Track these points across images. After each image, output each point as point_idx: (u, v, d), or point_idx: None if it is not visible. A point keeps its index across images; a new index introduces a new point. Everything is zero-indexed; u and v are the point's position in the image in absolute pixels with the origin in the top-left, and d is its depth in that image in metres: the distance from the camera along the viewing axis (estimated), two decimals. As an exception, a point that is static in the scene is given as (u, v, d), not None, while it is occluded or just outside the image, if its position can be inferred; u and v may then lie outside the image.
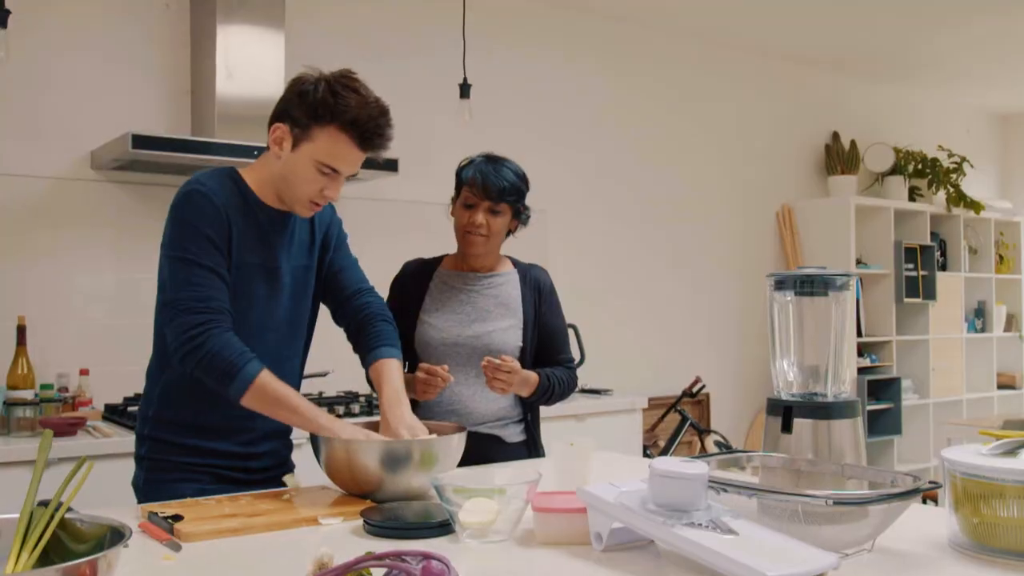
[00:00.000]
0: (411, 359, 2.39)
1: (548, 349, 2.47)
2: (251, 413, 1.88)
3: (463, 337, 2.33)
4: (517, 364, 2.28)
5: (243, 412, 1.88)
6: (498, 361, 2.24)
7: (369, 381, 2.11)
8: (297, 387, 2.05)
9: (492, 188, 2.33)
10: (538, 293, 2.47)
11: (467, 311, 2.39)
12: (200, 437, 1.93)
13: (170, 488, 1.87)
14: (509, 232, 2.46)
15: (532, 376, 2.34)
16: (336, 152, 1.87)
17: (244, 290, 1.92)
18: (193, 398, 1.91)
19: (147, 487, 1.95)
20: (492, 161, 2.39)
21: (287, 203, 1.96)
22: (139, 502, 1.91)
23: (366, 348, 2.07)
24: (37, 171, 3.36)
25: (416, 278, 2.47)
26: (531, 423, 2.46)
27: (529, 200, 2.45)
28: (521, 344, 2.40)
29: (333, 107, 1.84)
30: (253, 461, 2.00)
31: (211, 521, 1.58)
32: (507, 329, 2.37)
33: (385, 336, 2.09)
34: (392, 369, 2.02)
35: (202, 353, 1.79)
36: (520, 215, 2.44)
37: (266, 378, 1.82)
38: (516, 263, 2.53)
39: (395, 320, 2.21)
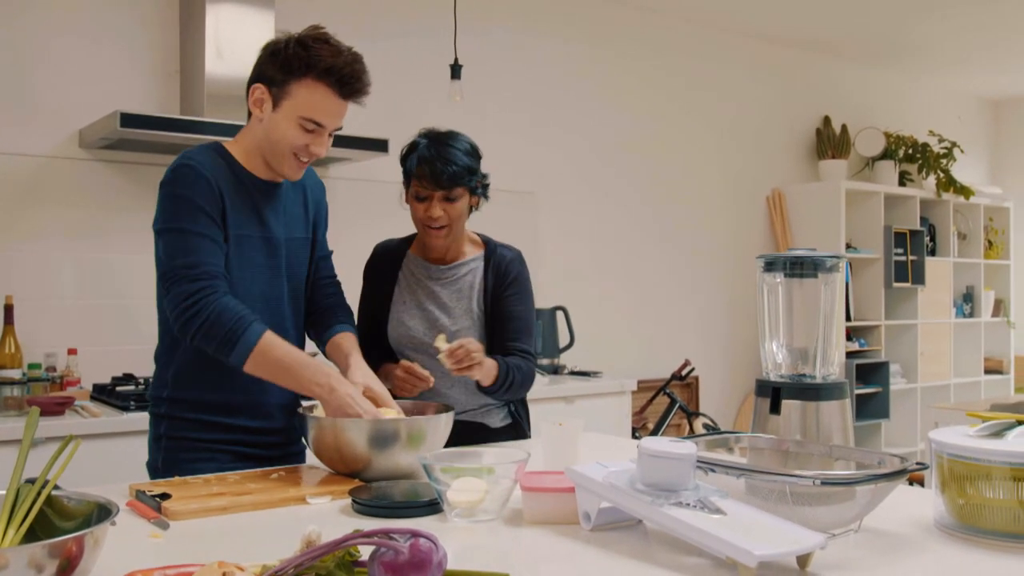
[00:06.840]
0: (384, 348, 2.34)
1: (502, 335, 2.30)
2: (263, 388, 1.90)
3: (431, 336, 2.23)
4: (475, 346, 2.11)
5: (256, 387, 1.90)
6: (456, 348, 2.07)
7: (324, 352, 2.13)
8: None
9: (442, 176, 2.18)
10: (499, 278, 2.33)
11: (431, 309, 2.30)
12: (218, 413, 1.93)
13: (189, 469, 1.85)
14: (472, 209, 2.32)
15: (492, 364, 2.18)
16: (316, 103, 1.86)
17: (246, 262, 1.91)
18: (206, 378, 1.91)
19: (166, 468, 1.92)
20: (436, 143, 2.22)
21: (274, 166, 1.94)
22: None
23: (326, 324, 2.11)
24: (25, 149, 3.33)
25: (387, 262, 2.39)
26: (517, 406, 2.41)
27: (519, 182, 2.36)
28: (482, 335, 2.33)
29: (306, 59, 1.84)
30: (271, 436, 1.99)
31: (198, 500, 1.57)
32: (469, 328, 2.30)
33: (348, 319, 2.14)
34: (355, 341, 2.08)
35: (200, 320, 1.77)
36: (477, 190, 2.29)
37: (267, 343, 1.78)
38: (487, 243, 2.39)
39: (368, 306, 2.29)
